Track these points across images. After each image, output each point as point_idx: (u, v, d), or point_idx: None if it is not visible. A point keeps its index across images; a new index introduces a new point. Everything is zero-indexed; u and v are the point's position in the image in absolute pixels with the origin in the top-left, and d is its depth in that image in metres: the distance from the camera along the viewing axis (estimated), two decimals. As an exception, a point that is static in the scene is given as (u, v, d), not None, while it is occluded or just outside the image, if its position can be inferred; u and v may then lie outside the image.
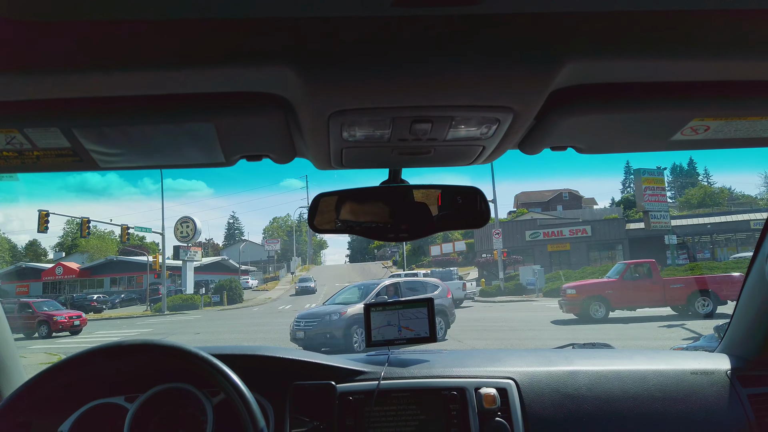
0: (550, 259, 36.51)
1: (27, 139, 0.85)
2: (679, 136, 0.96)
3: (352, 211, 1.27)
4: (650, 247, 32.56)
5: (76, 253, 59.75)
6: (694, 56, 0.71)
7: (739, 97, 0.84)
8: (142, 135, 0.89)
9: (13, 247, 67.16)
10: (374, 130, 0.89)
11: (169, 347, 1.17)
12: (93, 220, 28.80)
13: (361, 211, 1.27)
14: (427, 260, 48.27)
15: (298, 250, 74.56)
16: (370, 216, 1.27)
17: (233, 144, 0.95)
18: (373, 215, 1.27)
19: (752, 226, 33.26)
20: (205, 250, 58.75)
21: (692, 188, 66.55)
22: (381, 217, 1.27)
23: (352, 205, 1.26)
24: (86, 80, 0.70)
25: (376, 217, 1.27)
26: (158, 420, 1.48)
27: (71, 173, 76.28)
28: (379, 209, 1.26)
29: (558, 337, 11.39)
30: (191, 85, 0.74)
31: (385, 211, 1.26)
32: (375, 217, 1.27)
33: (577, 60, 0.70)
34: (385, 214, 1.26)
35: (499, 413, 1.47)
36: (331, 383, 1.53)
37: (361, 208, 1.27)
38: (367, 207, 1.27)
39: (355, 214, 1.27)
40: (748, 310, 1.69)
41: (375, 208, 1.26)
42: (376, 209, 1.26)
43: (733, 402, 1.50)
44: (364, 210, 1.27)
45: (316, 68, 0.69)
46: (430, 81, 0.73)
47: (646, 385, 1.52)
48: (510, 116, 0.84)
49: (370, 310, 1.73)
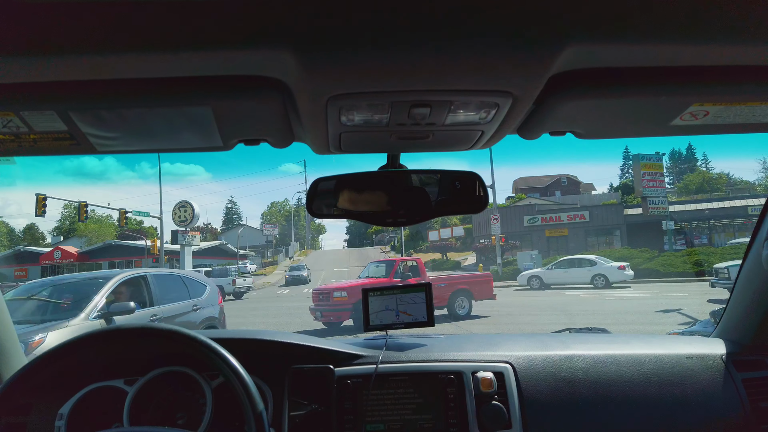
0: (548, 245, 36.66)
1: (23, 122, 0.85)
2: (678, 121, 0.96)
3: (350, 196, 1.26)
4: (648, 233, 32.75)
5: (74, 237, 59.83)
6: (694, 40, 0.71)
7: (739, 81, 0.84)
8: (139, 118, 0.88)
9: (10, 231, 67.32)
10: (372, 114, 0.89)
11: (168, 331, 1.18)
12: (91, 204, 28.74)
13: (359, 196, 1.27)
14: (425, 245, 48.41)
15: (297, 235, 74.67)
16: (369, 201, 1.27)
17: (231, 128, 0.94)
18: (372, 200, 1.27)
19: (750, 212, 33.40)
20: (203, 234, 58.75)
21: (691, 174, 66.70)
22: (379, 202, 1.26)
23: (350, 189, 1.26)
24: (82, 63, 0.70)
25: (375, 202, 1.27)
26: (157, 403, 1.49)
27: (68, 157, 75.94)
28: (378, 194, 1.26)
29: (552, 322, 11.46)
30: (188, 68, 0.73)
31: (383, 196, 1.26)
32: (373, 202, 1.27)
33: (577, 44, 0.69)
34: (384, 199, 1.26)
35: (496, 397, 1.48)
36: (329, 367, 1.54)
37: (359, 193, 1.27)
38: (366, 192, 1.26)
39: (353, 198, 1.26)
40: (744, 295, 1.69)
41: (373, 193, 1.26)
42: (375, 194, 1.26)
43: (727, 386, 1.51)
44: (362, 195, 1.27)
45: (314, 52, 0.68)
46: (429, 65, 0.73)
47: (642, 369, 1.54)
48: (509, 101, 0.83)
49: (369, 295, 1.74)
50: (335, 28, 0.65)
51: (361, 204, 1.27)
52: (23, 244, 58.21)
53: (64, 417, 1.46)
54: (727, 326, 1.77)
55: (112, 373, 1.52)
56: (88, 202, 28.02)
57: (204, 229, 70.82)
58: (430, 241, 47.74)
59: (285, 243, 66.40)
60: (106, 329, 1.17)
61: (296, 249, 64.29)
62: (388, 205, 1.25)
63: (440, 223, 48.52)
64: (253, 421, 1.09)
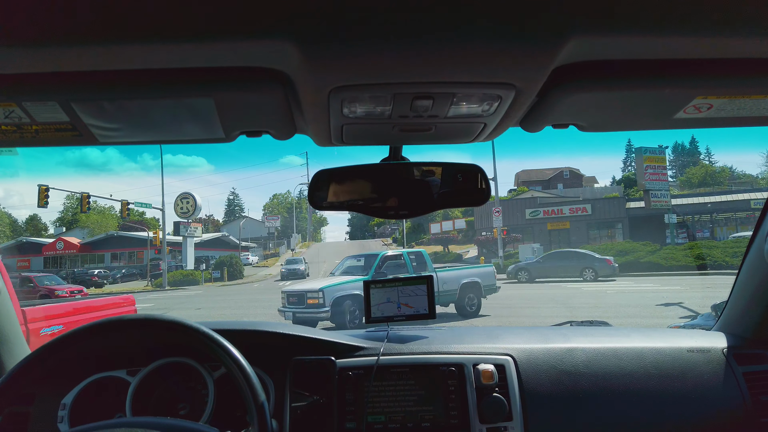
0: (550, 238, 36.61)
1: (25, 113, 0.85)
2: (682, 114, 0.95)
3: (352, 188, 1.26)
4: (650, 226, 32.67)
5: (76, 228, 59.93)
6: (698, 33, 0.70)
7: (743, 75, 0.83)
8: (142, 110, 0.88)
9: (13, 221, 67.35)
10: (375, 106, 0.88)
11: (171, 322, 1.18)
12: (93, 195, 28.73)
13: (361, 188, 1.27)
14: (427, 238, 48.39)
15: (299, 227, 74.75)
16: (371, 193, 1.27)
17: (233, 119, 0.94)
18: (374, 192, 1.26)
19: (752, 206, 33.27)
20: (205, 226, 58.90)
21: (693, 167, 66.38)
22: (381, 194, 1.26)
23: (352, 182, 1.26)
24: (85, 54, 0.69)
25: (377, 194, 1.26)
26: (160, 393, 1.50)
27: (70, 148, 75.86)
28: (380, 186, 1.26)
29: (553, 314, 11.48)
30: (190, 59, 0.73)
31: (385, 188, 1.26)
32: (375, 194, 1.27)
33: (581, 36, 0.69)
34: (386, 192, 1.26)
35: (497, 389, 1.49)
36: (330, 358, 1.54)
37: (361, 185, 1.27)
38: (368, 184, 1.26)
39: (355, 191, 1.26)
40: (745, 289, 1.69)
41: (375, 185, 1.26)
42: (377, 186, 1.26)
43: (728, 380, 1.52)
44: (364, 187, 1.27)
45: (316, 43, 0.68)
46: (432, 57, 0.72)
47: (643, 362, 1.54)
48: (512, 93, 0.83)
49: (370, 287, 1.74)
50: (338, 20, 0.65)
51: (363, 196, 1.27)
52: (26, 235, 58.31)
53: (67, 407, 1.47)
54: (729, 320, 1.77)
55: (114, 363, 1.53)
56: (91, 193, 28.05)
57: (206, 221, 70.94)
58: (432, 233, 47.70)
59: (287, 235, 66.46)
60: (108, 320, 1.18)
61: (298, 241, 64.30)
62: (390, 198, 1.25)
63: (442, 216, 48.44)
64: (254, 411, 1.10)
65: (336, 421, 1.47)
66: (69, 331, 1.16)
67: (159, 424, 1.01)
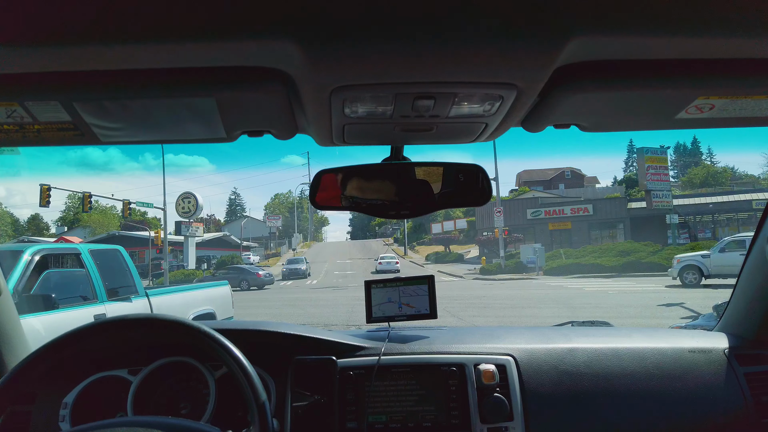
0: (551, 238, 36.64)
1: (28, 112, 0.85)
2: (683, 114, 0.95)
3: (353, 187, 1.26)
4: (651, 227, 32.70)
5: (78, 228, 60.02)
6: (700, 33, 0.70)
7: (745, 75, 0.83)
8: (144, 109, 0.88)
9: (15, 221, 67.52)
10: (376, 106, 0.88)
11: (172, 321, 1.19)
12: (95, 194, 28.75)
13: (362, 187, 1.27)
14: (428, 238, 48.41)
15: (300, 227, 74.77)
16: (372, 193, 1.27)
17: (234, 119, 0.94)
18: (375, 192, 1.27)
19: (754, 206, 33.26)
20: (206, 225, 58.84)
21: (695, 167, 66.22)
22: (382, 194, 1.26)
23: (353, 181, 1.26)
24: (87, 54, 0.69)
25: (378, 194, 1.26)
26: (161, 393, 1.51)
27: (72, 147, 75.92)
28: (381, 186, 1.26)
29: (554, 315, 11.47)
30: (193, 59, 0.73)
31: (386, 188, 1.26)
32: (376, 194, 1.27)
33: (582, 36, 0.69)
34: (387, 191, 1.26)
35: (498, 389, 1.49)
36: (331, 358, 1.54)
37: (362, 185, 1.27)
38: (369, 184, 1.26)
39: (356, 190, 1.26)
40: (747, 289, 1.69)
41: (377, 185, 1.26)
42: (378, 186, 1.26)
43: (730, 380, 1.52)
44: (365, 187, 1.27)
45: (318, 43, 0.68)
46: (434, 57, 0.72)
47: (644, 362, 1.54)
48: (514, 93, 0.83)
49: (371, 287, 1.74)
50: (340, 20, 0.65)
51: (364, 196, 1.27)
52: (28, 235, 58.38)
53: (68, 406, 1.47)
54: (730, 320, 1.77)
55: (116, 362, 1.53)
56: (92, 193, 28.07)
57: (207, 221, 70.89)
58: (433, 233, 47.75)
59: (288, 235, 66.55)
60: (109, 320, 1.18)
61: (299, 241, 64.38)
62: (392, 198, 1.25)
63: (443, 216, 48.52)
64: (255, 411, 1.10)
65: (337, 421, 1.48)
66: (70, 330, 1.16)
67: (160, 423, 1.01)
